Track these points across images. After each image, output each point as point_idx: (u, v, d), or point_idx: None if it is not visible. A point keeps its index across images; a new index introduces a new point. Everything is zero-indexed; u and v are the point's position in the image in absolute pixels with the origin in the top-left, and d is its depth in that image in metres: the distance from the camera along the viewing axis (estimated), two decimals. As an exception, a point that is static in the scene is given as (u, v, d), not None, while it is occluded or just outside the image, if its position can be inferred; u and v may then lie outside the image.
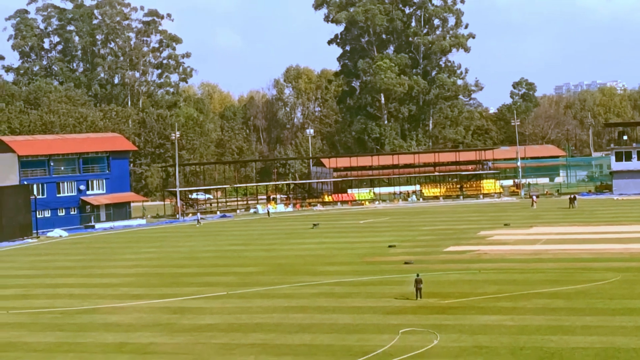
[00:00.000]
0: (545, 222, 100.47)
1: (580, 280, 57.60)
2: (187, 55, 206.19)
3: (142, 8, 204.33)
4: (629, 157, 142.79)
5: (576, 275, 59.88)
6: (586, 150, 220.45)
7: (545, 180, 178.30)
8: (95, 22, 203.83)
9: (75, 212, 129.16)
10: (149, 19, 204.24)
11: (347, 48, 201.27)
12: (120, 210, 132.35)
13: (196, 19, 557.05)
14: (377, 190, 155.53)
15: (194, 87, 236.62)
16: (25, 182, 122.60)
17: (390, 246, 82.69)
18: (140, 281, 68.18)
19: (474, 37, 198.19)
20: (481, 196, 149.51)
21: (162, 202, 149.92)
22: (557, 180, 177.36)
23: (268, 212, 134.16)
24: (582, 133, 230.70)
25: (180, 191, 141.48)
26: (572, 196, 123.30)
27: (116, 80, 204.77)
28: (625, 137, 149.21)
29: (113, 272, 74.48)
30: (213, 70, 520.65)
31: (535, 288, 55.53)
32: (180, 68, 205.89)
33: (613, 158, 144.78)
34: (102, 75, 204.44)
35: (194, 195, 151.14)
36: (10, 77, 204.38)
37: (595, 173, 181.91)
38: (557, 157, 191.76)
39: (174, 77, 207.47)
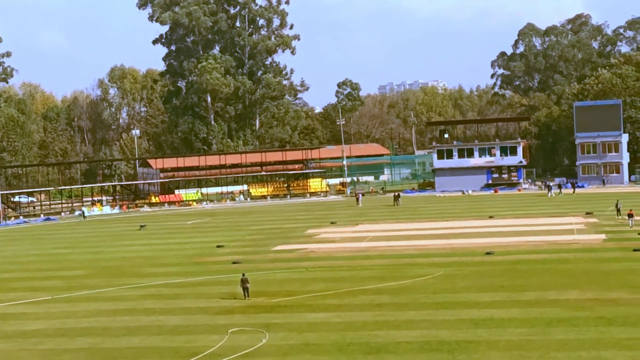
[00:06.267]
0: (370, 220, 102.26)
1: (406, 276, 58.86)
2: (8, 54, 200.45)
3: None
4: (450, 155, 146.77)
5: (401, 271, 61.15)
6: (409, 148, 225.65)
7: (371, 178, 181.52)
8: None
9: None
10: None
11: (173, 48, 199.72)
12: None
13: (17, 17, 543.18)
14: (204, 190, 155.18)
15: (14, 87, 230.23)
16: None
17: (218, 246, 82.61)
18: (-40, 288, 66.00)
19: (299, 39, 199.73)
20: (308, 195, 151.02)
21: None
22: (382, 178, 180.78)
23: (83, 214, 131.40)
24: (405, 132, 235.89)
25: (2, 194, 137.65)
26: (397, 194, 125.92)
27: None
28: (446, 136, 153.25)
29: None
30: (35, 70, 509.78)
31: (361, 285, 56.43)
32: (1, 68, 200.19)
33: (435, 156, 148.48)
34: None
35: (17, 199, 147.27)
36: None
37: (418, 171, 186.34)
38: (382, 155, 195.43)
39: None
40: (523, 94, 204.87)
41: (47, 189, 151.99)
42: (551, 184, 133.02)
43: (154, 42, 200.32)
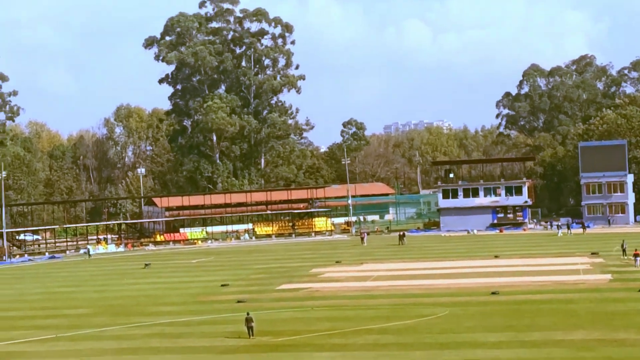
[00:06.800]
0: (375, 259, 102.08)
1: (410, 316, 58.64)
2: (14, 93, 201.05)
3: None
4: (455, 195, 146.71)
5: (406, 311, 60.94)
6: (414, 188, 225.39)
7: (376, 217, 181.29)
8: None
9: None
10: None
11: (179, 87, 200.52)
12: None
13: (23, 56, 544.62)
14: (209, 229, 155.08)
15: (21, 125, 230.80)
16: None
17: (223, 285, 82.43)
18: (-36, 326, 65.80)
19: (304, 79, 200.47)
20: (313, 234, 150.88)
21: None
22: (387, 217, 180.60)
23: (88, 252, 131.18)
24: (410, 171, 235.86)
25: (7, 232, 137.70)
26: (402, 233, 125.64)
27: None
28: (451, 175, 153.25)
29: None
30: (42, 109, 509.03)
31: (366, 324, 56.22)
32: (7, 106, 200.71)
33: (440, 195, 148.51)
34: None
35: (22, 237, 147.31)
36: None
37: (423, 210, 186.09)
38: (387, 194, 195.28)
39: (1, 116, 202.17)
40: (528, 134, 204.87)
41: (52, 227, 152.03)
42: (560, 223, 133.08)
43: (160, 81, 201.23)
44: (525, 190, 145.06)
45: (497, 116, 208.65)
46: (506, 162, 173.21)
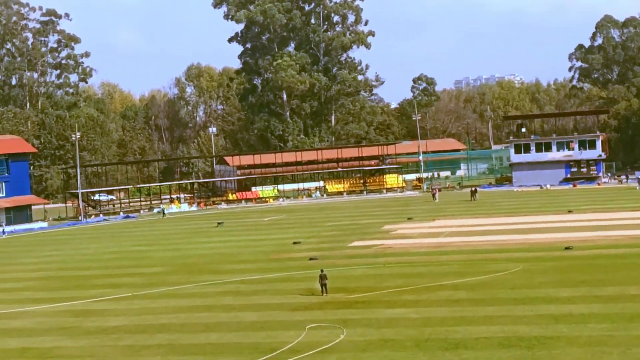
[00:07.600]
0: (447, 215, 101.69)
1: (483, 272, 58.38)
2: (87, 54, 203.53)
3: (40, 8, 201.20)
4: (527, 149, 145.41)
5: (479, 267, 60.68)
6: (486, 143, 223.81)
7: (447, 173, 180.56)
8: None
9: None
10: (46, 18, 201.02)
11: (248, 46, 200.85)
12: (20, 214, 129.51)
13: (95, 17, 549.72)
14: (281, 187, 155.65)
15: (93, 87, 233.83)
16: None
17: (295, 243, 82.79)
18: (42, 285, 66.96)
19: (373, 35, 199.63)
20: (384, 191, 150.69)
21: (64, 204, 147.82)
22: (459, 173, 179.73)
23: (162, 211, 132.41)
24: (481, 126, 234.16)
25: (82, 193, 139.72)
26: (473, 189, 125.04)
27: (14, 82, 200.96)
28: (523, 130, 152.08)
29: (14, 277, 73.03)
30: (113, 70, 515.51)
31: (438, 280, 56.11)
32: (80, 68, 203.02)
33: (512, 150, 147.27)
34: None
35: (97, 197, 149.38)
36: None
37: (495, 165, 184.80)
38: (458, 150, 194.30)
39: (74, 77, 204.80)
40: (602, 87, 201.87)
41: (126, 187, 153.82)
42: (638, 177, 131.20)
43: (230, 40, 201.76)
44: (599, 143, 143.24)
45: (570, 69, 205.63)
46: (579, 116, 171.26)
